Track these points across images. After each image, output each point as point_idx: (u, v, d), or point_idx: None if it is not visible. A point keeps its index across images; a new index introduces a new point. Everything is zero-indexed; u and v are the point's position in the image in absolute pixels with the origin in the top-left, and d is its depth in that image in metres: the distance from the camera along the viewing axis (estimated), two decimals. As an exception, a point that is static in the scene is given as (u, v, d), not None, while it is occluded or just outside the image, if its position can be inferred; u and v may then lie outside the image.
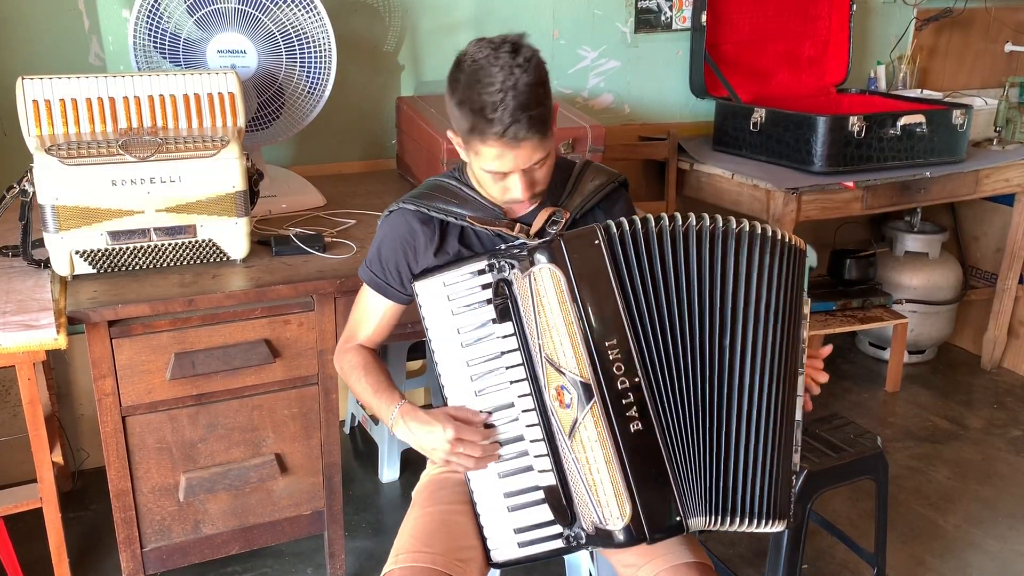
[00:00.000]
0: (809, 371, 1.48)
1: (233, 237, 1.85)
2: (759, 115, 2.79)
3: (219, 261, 1.88)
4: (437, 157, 2.26)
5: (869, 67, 3.45)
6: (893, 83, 3.45)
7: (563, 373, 1.33)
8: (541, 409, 1.37)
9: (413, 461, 2.64)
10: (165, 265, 1.84)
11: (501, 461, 1.42)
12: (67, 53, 2.31)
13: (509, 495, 1.42)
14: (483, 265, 1.40)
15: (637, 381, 1.33)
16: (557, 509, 1.39)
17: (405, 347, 2.53)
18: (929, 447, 2.87)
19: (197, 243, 1.83)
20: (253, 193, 1.89)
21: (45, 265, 1.81)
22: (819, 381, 1.51)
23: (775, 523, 1.40)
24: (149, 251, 1.81)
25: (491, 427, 1.42)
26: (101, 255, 1.77)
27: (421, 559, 1.39)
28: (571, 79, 2.95)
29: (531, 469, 1.41)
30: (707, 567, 1.44)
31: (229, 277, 1.82)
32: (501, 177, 1.43)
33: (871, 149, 2.68)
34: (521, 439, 1.41)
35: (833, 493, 2.52)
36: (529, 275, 1.34)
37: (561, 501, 1.38)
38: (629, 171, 2.98)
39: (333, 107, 2.35)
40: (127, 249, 1.79)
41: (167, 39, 2.09)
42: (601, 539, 1.36)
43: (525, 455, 1.41)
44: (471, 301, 1.42)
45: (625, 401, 1.32)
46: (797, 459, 1.43)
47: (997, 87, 3.57)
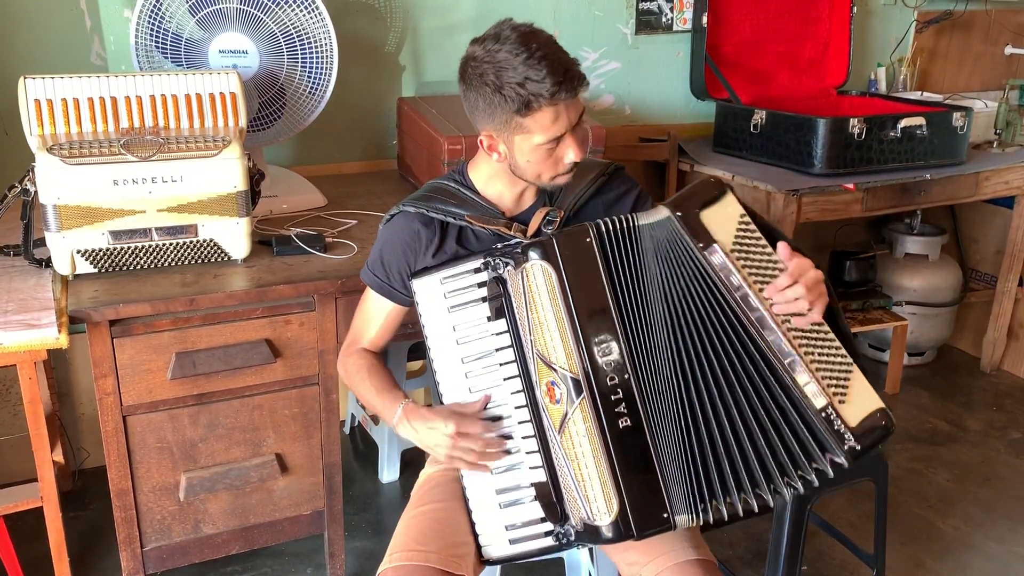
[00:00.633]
0: (782, 310, 1.37)
1: (234, 237, 1.86)
2: (759, 117, 2.79)
3: (220, 261, 1.88)
4: (438, 158, 2.26)
5: (869, 69, 3.45)
6: (893, 85, 3.46)
7: (554, 369, 1.36)
8: (532, 405, 1.40)
9: (413, 461, 2.64)
10: (166, 265, 1.84)
11: (500, 457, 1.44)
12: (69, 53, 2.31)
13: (501, 492, 1.44)
14: (479, 264, 1.43)
15: (626, 377, 1.35)
16: (547, 506, 1.40)
17: (405, 347, 2.53)
18: (928, 449, 2.87)
19: (198, 243, 1.83)
20: (254, 193, 1.89)
21: (46, 264, 1.81)
22: (796, 310, 1.37)
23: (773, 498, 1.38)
24: (150, 251, 1.81)
25: (496, 420, 1.44)
26: (102, 254, 1.77)
27: (415, 557, 1.40)
28: (572, 80, 2.95)
29: (523, 466, 1.43)
30: (710, 564, 1.45)
31: (230, 277, 1.83)
32: (554, 147, 1.44)
33: (871, 151, 2.68)
34: (513, 435, 1.43)
35: (833, 494, 2.53)
36: (522, 272, 1.38)
37: (551, 498, 1.39)
38: (630, 172, 2.98)
39: (334, 107, 2.36)
40: (128, 249, 1.79)
41: (169, 39, 2.09)
42: (590, 535, 1.37)
43: (517, 452, 1.43)
44: (467, 299, 1.45)
45: (614, 397, 1.35)
46: (819, 393, 1.34)
47: (997, 89, 3.58)
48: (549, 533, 1.41)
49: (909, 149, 2.74)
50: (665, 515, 1.35)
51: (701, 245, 1.38)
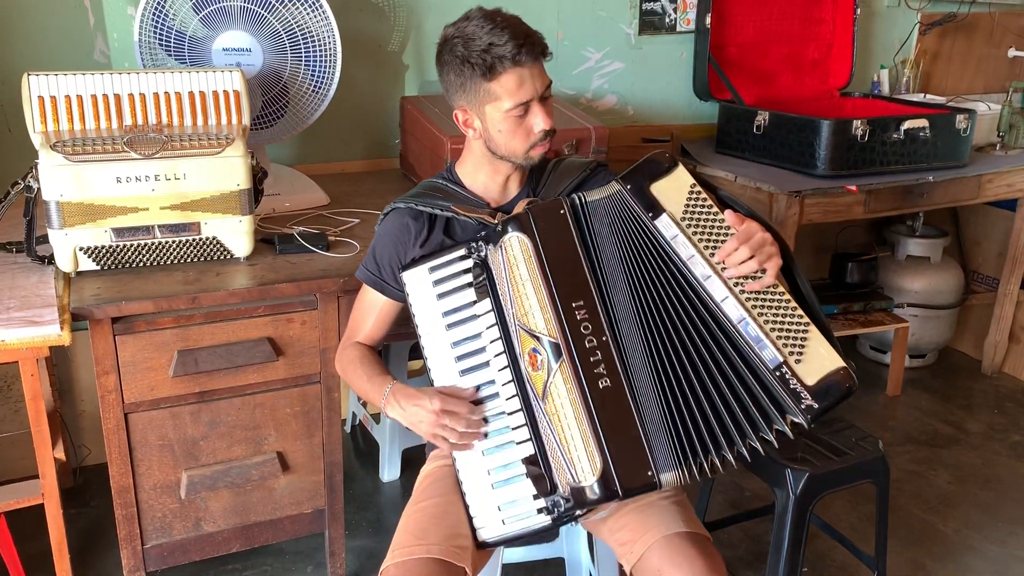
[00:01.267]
0: (732, 274, 1.40)
1: (237, 235, 1.86)
2: (762, 118, 2.79)
3: (223, 259, 1.88)
4: (441, 156, 2.26)
5: (873, 71, 3.45)
6: (896, 87, 3.46)
7: (535, 336, 1.42)
8: (517, 378, 1.45)
9: (414, 460, 2.64)
10: (169, 262, 1.84)
11: (484, 438, 1.48)
12: (72, 50, 2.31)
13: (492, 471, 1.47)
14: (463, 251, 1.52)
15: (604, 339, 1.41)
16: (536, 478, 1.43)
17: (407, 347, 2.53)
18: (929, 451, 2.87)
19: (201, 241, 1.84)
20: (257, 191, 1.89)
21: (49, 261, 1.81)
22: (747, 272, 1.39)
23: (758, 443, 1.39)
24: (153, 248, 1.81)
25: (479, 403, 1.48)
26: (105, 252, 1.77)
27: (416, 551, 1.42)
28: (575, 80, 2.95)
29: (512, 443, 1.46)
30: (702, 537, 1.47)
31: (233, 275, 1.83)
32: (523, 115, 1.52)
33: (874, 153, 2.68)
34: (502, 414, 1.47)
35: (834, 496, 2.52)
36: (501, 247, 1.47)
37: (540, 468, 1.43)
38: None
39: (337, 106, 2.36)
40: (131, 246, 1.79)
41: (172, 36, 2.09)
42: (577, 500, 1.39)
43: (506, 429, 1.47)
44: (453, 285, 1.53)
45: (593, 359, 1.40)
46: (773, 352, 1.37)
47: (1000, 92, 3.58)
48: (541, 510, 1.44)
49: (912, 151, 2.74)
50: (650, 473, 1.37)
51: (651, 215, 1.45)
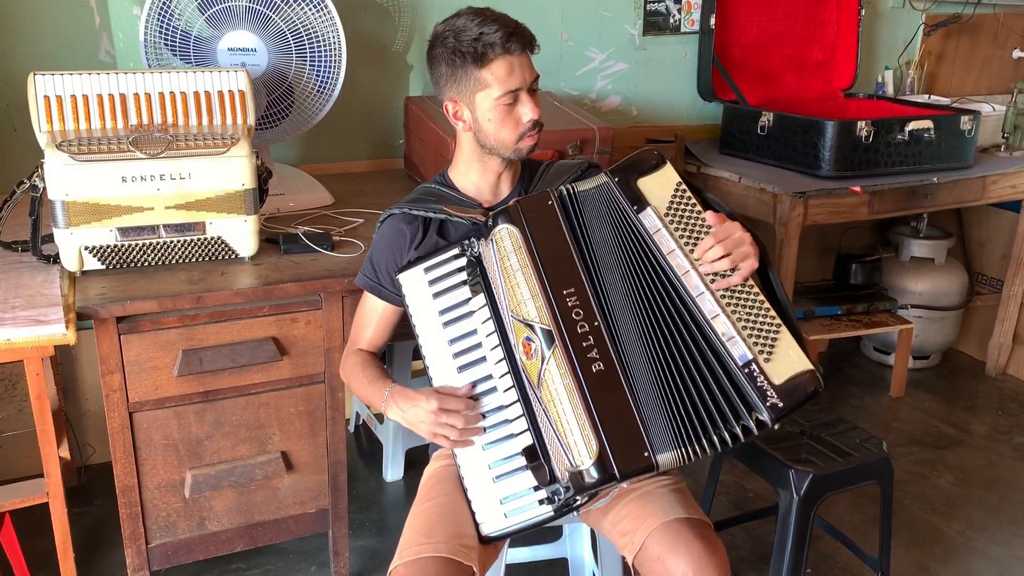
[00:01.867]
0: (707, 269, 1.45)
1: (242, 235, 1.86)
2: (766, 118, 2.79)
3: (228, 259, 1.88)
4: (445, 157, 2.26)
5: (877, 72, 3.45)
6: (901, 88, 3.45)
7: (528, 325, 1.45)
8: (513, 368, 1.47)
9: (417, 460, 2.64)
10: (174, 262, 1.84)
11: (484, 433, 1.49)
12: (78, 49, 2.32)
13: (493, 465, 1.48)
14: (457, 249, 1.55)
15: (596, 325, 1.44)
16: (536, 468, 1.44)
17: (410, 347, 2.53)
18: (933, 452, 2.87)
19: (206, 240, 1.84)
20: (262, 191, 1.90)
21: (54, 260, 1.82)
22: (720, 269, 1.45)
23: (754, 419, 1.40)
24: (158, 248, 1.81)
25: (475, 399, 1.50)
26: (110, 251, 1.78)
27: (424, 550, 1.43)
28: (579, 81, 2.95)
29: (512, 436, 1.47)
30: (702, 523, 1.48)
31: (237, 275, 1.83)
32: (512, 104, 1.55)
33: (878, 154, 2.68)
34: (501, 407, 1.48)
35: (837, 497, 2.52)
36: (492, 240, 1.51)
37: (538, 458, 1.44)
38: (636, 173, 2.99)
39: (342, 106, 2.36)
40: (136, 245, 1.79)
41: (178, 36, 2.10)
42: (576, 485, 1.39)
43: (505, 422, 1.48)
44: (448, 284, 1.56)
45: (585, 344, 1.42)
46: (743, 349, 1.41)
47: (1005, 93, 3.57)
48: (542, 501, 1.44)
49: (916, 152, 2.74)
50: (646, 454, 1.38)
51: (636, 208, 1.50)
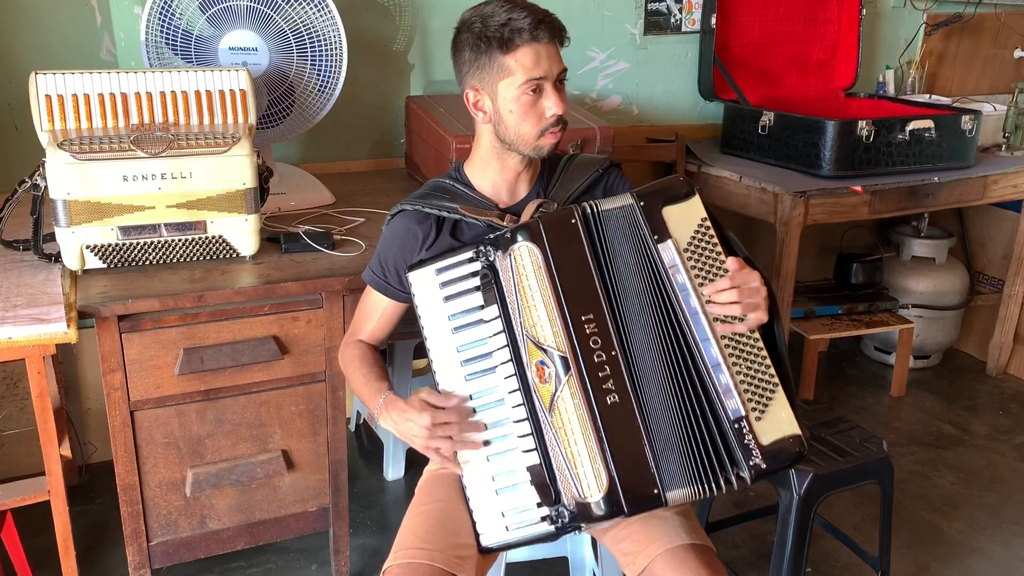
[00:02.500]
0: (715, 310, 1.40)
1: (243, 234, 1.86)
2: (767, 118, 2.79)
3: (229, 257, 1.89)
4: (446, 156, 2.26)
5: (878, 71, 3.45)
6: (902, 88, 3.45)
7: (543, 349, 1.39)
8: (524, 388, 1.42)
9: (418, 459, 2.63)
10: (175, 261, 1.85)
11: (488, 444, 1.45)
12: (79, 49, 2.32)
13: (496, 477, 1.45)
14: (471, 254, 1.48)
15: (613, 354, 1.38)
16: (541, 488, 1.41)
17: (411, 346, 2.53)
18: (934, 452, 2.87)
19: (207, 239, 1.84)
20: (263, 190, 1.90)
21: (56, 259, 1.82)
22: (728, 313, 1.39)
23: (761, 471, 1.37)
24: (159, 247, 1.82)
25: (477, 411, 1.46)
26: (111, 250, 1.78)
27: (420, 556, 1.42)
28: (580, 80, 2.95)
29: (517, 451, 1.43)
30: (706, 549, 1.45)
31: (238, 273, 1.83)
32: (536, 97, 1.49)
33: (879, 154, 2.68)
34: (507, 421, 1.44)
35: (838, 497, 2.52)
36: (510, 255, 1.43)
37: (544, 479, 1.40)
38: (637, 172, 2.99)
39: (343, 105, 2.36)
40: (137, 244, 1.80)
41: (179, 36, 2.10)
42: (582, 514, 1.37)
43: (511, 436, 1.44)
44: (460, 288, 1.49)
45: (602, 374, 1.38)
46: (737, 403, 1.37)
47: (1006, 93, 3.57)
48: (545, 518, 1.42)
49: (917, 152, 2.74)
50: (656, 491, 1.36)
51: (656, 237, 1.42)
